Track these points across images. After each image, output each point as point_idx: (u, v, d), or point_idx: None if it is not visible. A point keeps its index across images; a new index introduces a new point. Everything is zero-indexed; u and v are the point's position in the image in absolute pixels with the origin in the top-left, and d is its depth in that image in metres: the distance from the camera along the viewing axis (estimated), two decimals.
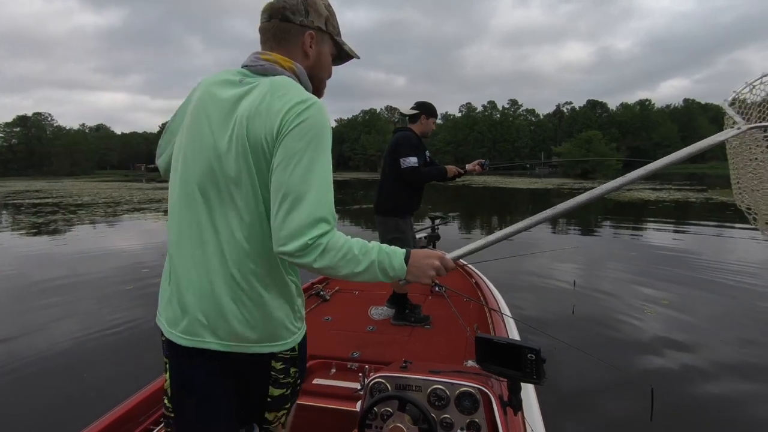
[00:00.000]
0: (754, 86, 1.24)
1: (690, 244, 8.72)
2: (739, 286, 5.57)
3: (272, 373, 1.06)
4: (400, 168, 2.81)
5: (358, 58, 1.22)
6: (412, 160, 2.77)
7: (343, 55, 1.18)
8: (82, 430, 1.57)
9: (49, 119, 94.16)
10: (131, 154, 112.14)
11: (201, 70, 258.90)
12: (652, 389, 2.73)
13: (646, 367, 3.22)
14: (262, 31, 1.07)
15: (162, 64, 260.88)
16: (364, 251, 0.94)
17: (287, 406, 1.14)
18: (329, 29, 1.10)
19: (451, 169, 2.98)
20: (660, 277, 5.84)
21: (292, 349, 1.08)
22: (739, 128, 1.24)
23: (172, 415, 1.07)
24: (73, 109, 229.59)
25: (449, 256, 1.10)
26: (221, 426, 1.05)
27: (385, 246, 0.99)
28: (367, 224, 12.50)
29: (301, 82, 1.03)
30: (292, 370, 1.11)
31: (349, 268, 0.92)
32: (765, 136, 1.22)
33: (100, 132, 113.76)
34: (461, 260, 3.16)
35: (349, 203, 19.46)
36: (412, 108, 2.96)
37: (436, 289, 3.30)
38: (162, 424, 1.79)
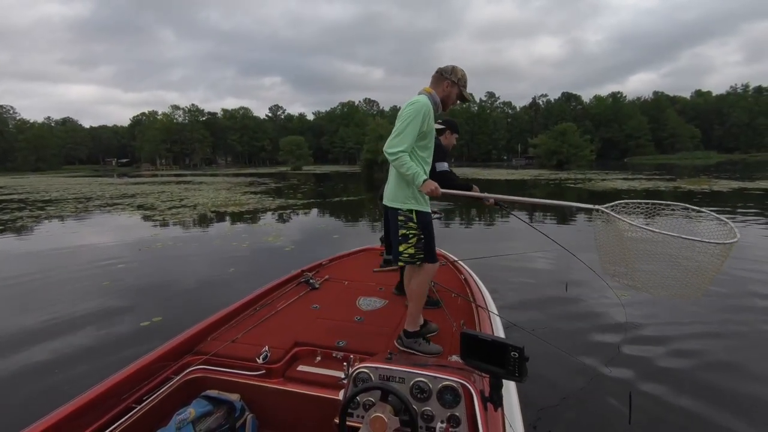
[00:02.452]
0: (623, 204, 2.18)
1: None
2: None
3: (399, 220, 2.24)
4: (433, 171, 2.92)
5: (470, 101, 2.45)
6: (445, 165, 3.05)
7: (464, 96, 2.37)
8: (63, 406, 1.56)
9: (12, 112, 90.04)
10: (101, 149, 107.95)
11: (175, 62, 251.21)
12: (630, 393, 2.77)
13: (626, 371, 3.21)
14: (433, 76, 2.34)
15: (134, 56, 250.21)
16: (411, 168, 2.09)
17: (410, 244, 2.22)
18: (459, 83, 2.32)
19: (476, 188, 3.07)
20: None
21: (409, 211, 2.22)
22: (597, 208, 2.15)
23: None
24: (38, 102, 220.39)
25: (441, 190, 2.13)
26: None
27: (420, 171, 2.11)
28: (347, 218, 12.45)
29: (433, 99, 2.25)
30: (410, 223, 2.22)
31: (402, 170, 2.10)
32: (606, 220, 2.13)
33: (67, 125, 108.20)
34: (460, 263, 3.88)
35: (330, 196, 19.34)
36: (439, 123, 3.16)
37: None
38: (143, 403, 1.78)
